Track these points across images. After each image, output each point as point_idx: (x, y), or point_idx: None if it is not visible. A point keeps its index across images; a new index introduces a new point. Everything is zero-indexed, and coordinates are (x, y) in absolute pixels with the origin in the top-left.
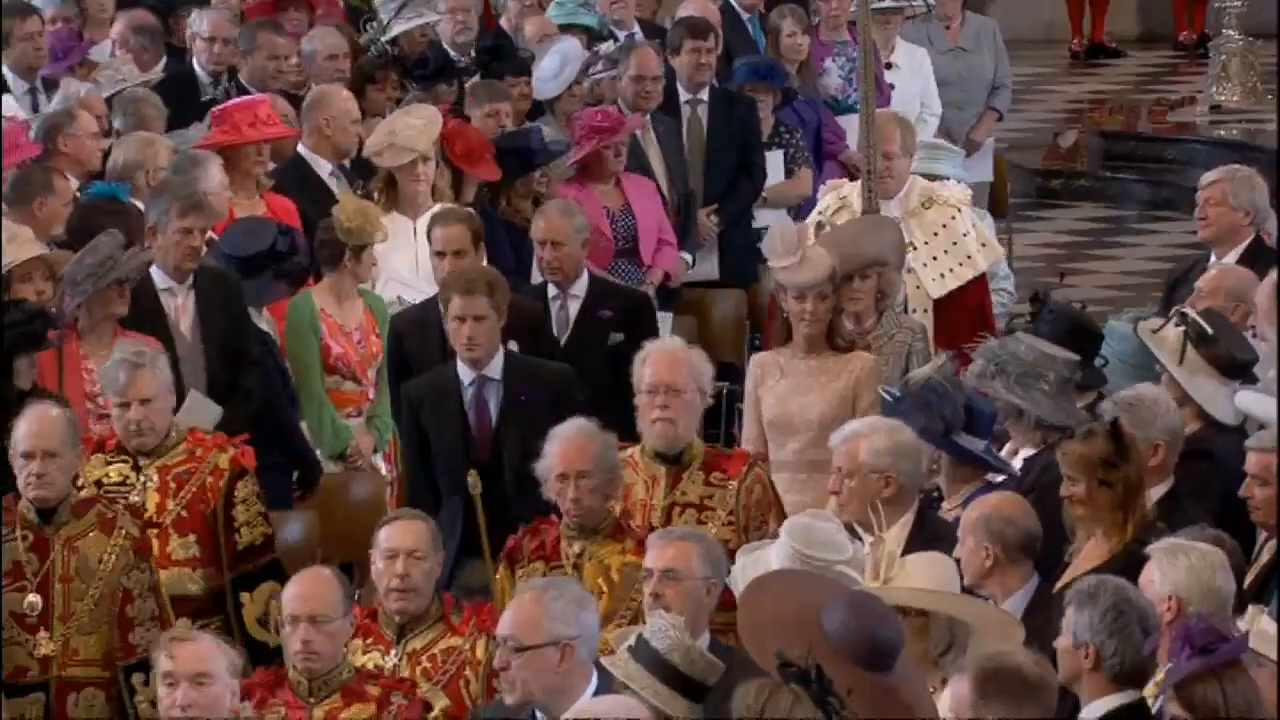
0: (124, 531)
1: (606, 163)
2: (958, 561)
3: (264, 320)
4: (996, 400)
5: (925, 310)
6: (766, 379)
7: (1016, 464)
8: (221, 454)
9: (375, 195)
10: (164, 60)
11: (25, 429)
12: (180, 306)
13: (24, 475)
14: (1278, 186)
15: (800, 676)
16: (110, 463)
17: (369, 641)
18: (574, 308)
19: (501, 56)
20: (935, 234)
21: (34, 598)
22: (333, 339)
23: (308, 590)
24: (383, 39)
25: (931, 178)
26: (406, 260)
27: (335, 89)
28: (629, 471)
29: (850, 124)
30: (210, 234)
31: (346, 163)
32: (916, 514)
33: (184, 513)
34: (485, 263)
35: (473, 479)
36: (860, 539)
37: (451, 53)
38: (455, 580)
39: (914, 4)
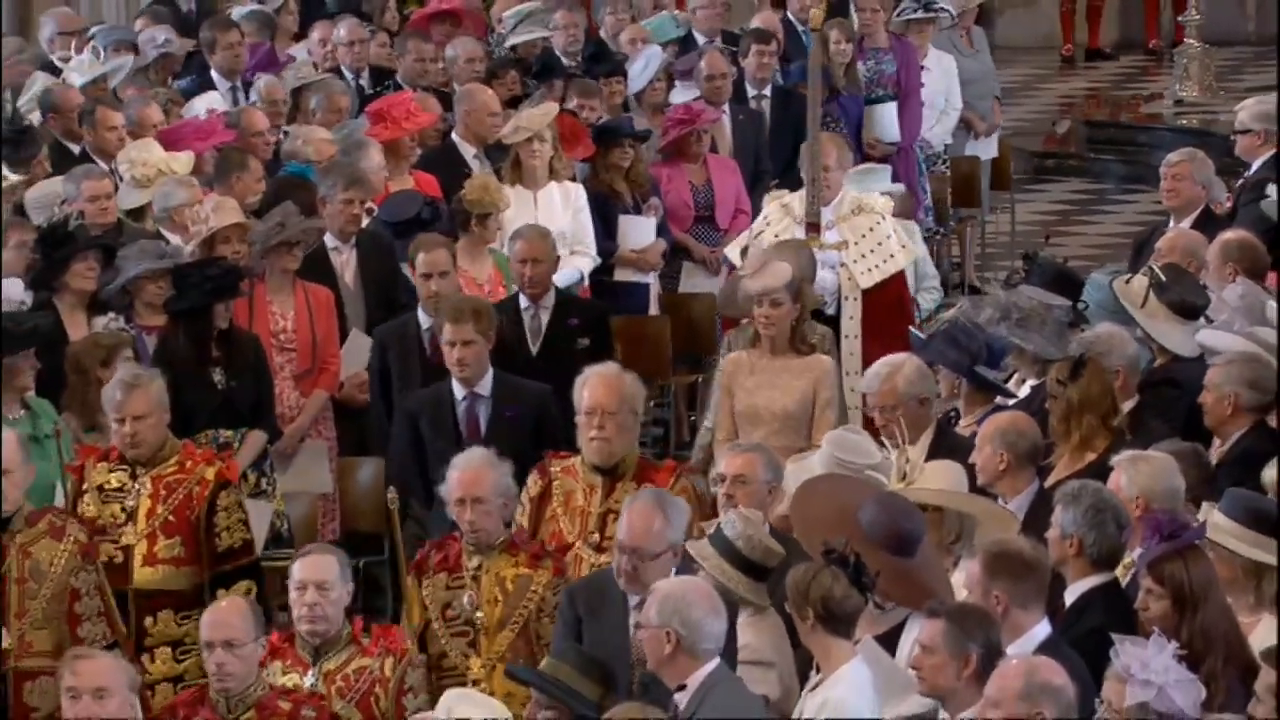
0: (72, 538)
1: (690, 147)
2: (970, 468)
3: None
4: (1005, 340)
5: (855, 299)
6: (739, 375)
7: (1023, 392)
8: (209, 467)
9: (503, 172)
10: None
11: None
12: (344, 262)
13: None
14: (1277, 164)
15: (840, 560)
16: (113, 470)
17: (288, 663)
18: (545, 317)
19: (602, 60)
20: (864, 235)
21: None
22: (466, 289)
23: (221, 618)
24: (503, 46)
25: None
26: None
27: (478, 88)
28: (569, 479)
29: (873, 115)
30: (371, 204)
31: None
32: (936, 430)
33: (171, 517)
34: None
35: (391, 495)
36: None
37: (564, 59)
38: None
39: (941, 15)
